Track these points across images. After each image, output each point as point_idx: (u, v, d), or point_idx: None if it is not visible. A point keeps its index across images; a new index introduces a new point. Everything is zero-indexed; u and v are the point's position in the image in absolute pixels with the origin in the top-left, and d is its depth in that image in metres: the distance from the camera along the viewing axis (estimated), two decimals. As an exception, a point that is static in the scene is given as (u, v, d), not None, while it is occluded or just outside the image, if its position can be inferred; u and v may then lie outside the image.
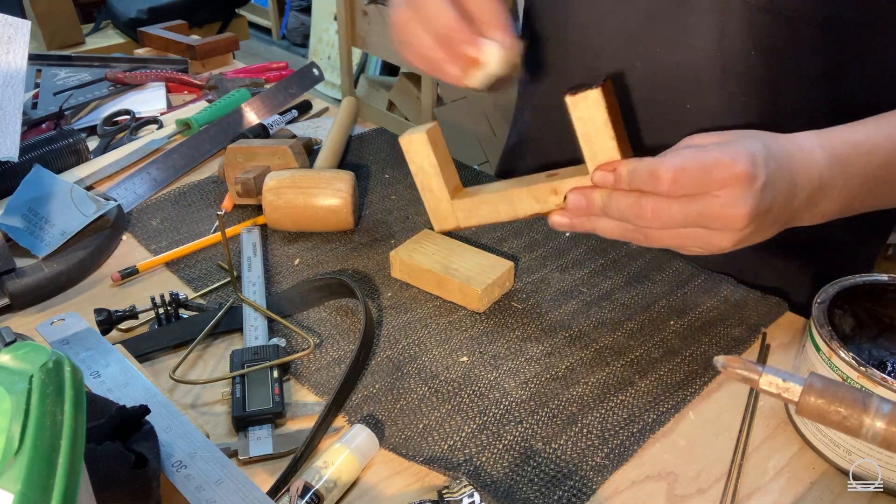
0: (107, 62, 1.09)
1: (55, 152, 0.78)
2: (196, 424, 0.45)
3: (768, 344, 0.57)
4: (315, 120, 0.96)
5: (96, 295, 0.63)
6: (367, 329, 0.55)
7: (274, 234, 0.71)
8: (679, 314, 0.60)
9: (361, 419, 0.50)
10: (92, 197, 0.68)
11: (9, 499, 0.25)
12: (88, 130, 0.90)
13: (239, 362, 0.52)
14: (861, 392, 0.33)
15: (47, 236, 0.65)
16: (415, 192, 0.78)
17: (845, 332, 0.52)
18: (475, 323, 0.59)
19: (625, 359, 0.55)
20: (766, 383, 0.34)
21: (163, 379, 0.53)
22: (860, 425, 0.33)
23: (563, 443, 0.48)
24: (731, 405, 0.52)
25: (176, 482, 0.41)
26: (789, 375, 0.34)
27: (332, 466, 0.44)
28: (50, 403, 0.29)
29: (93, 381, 0.48)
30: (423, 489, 0.45)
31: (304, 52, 3.84)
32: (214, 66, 1.11)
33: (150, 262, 0.65)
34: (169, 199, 0.76)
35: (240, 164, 0.72)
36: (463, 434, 0.49)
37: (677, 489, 0.45)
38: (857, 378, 0.43)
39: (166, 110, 0.96)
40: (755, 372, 0.34)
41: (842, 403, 0.33)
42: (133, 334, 0.57)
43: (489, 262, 0.62)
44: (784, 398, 0.34)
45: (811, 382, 0.34)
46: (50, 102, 0.94)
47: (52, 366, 0.30)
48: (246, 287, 0.61)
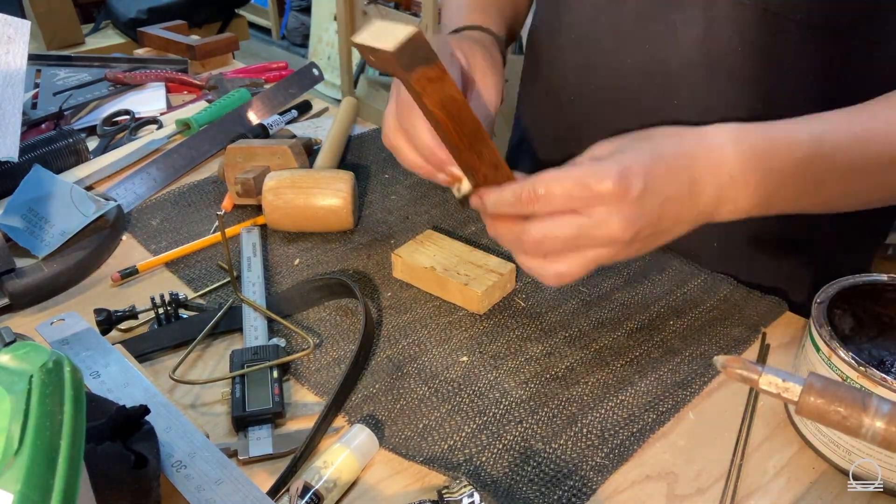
0: (107, 62, 1.09)
1: (55, 152, 0.78)
2: (196, 424, 0.45)
3: (768, 344, 0.57)
4: (315, 120, 0.96)
5: (96, 295, 0.63)
6: (366, 329, 0.55)
7: (274, 234, 0.71)
8: (679, 314, 0.60)
9: (361, 419, 0.50)
10: (92, 197, 0.68)
11: (9, 499, 0.25)
12: (88, 130, 0.90)
13: (239, 362, 0.52)
14: (861, 392, 0.33)
15: (47, 236, 0.65)
16: (415, 191, 0.78)
17: (845, 331, 0.52)
18: (475, 323, 0.59)
19: (624, 359, 0.55)
20: (765, 383, 0.34)
21: (163, 379, 0.53)
22: (860, 425, 0.33)
23: (563, 443, 0.48)
24: (731, 405, 0.52)
25: (176, 482, 0.41)
26: (789, 375, 0.34)
27: (331, 466, 0.44)
28: (50, 403, 0.29)
29: (93, 381, 0.48)
30: (423, 489, 0.46)
31: (304, 52, 3.84)
32: (214, 66, 1.11)
33: (150, 262, 0.65)
34: (169, 199, 0.76)
35: (239, 164, 0.72)
36: (463, 434, 0.49)
37: (677, 489, 0.45)
38: (857, 378, 0.44)
39: (166, 110, 0.96)
40: (755, 372, 0.34)
41: (841, 403, 0.33)
42: (133, 334, 0.57)
43: (491, 264, 0.62)
44: (784, 398, 0.34)
45: (811, 382, 0.34)
46: (50, 102, 0.94)
47: (52, 366, 0.30)
48: (246, 287, 0.61)
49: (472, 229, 0.71)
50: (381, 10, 2.45)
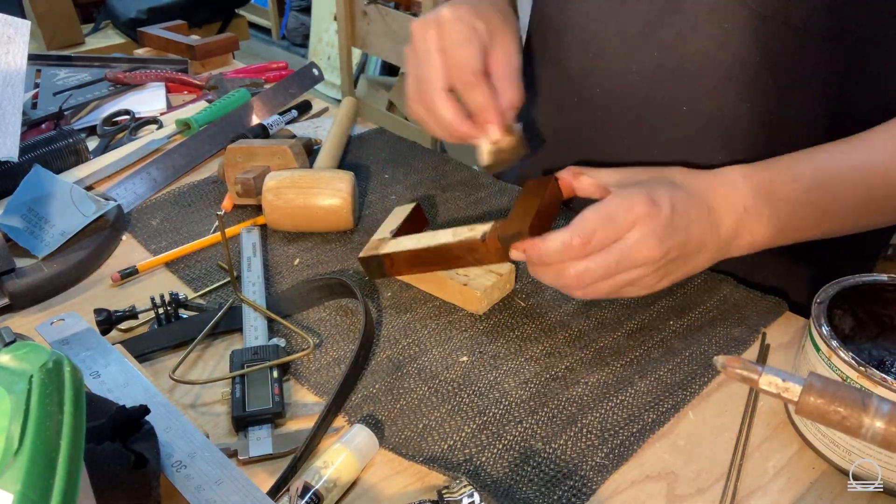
0: (107, 62, 1.09)
1: (55, 152, 0.78)
2: (196, 424, 0.45)
3: (768, 344, 0.57)
4: (315, 120, 0.96)
5: (96, 295, 0.63)
6: (366, 329, 0.55)
7: (273, 234, 0.71)
8: (679, 314, 0.60)
9: (361, 419, 0.50)
10: (92, 197, 0.68)
11: (8, 499, 0.25)
12: (88, 130, 0.90)
13: (239, 362, 0.52)
14: (860, 392, 0.33)
15: (47, 236, 0.65)
16: (415, 192, 0.78)
17: (845, 331, 0.52)
18: (475, 323, 0.59)
19: (624, 359, 0.55)
20: (765, 383, 0.34)
21: (163, 379, 0.53)
22: (860, 425, 0.33)
23: (563, 443, 0.48)
24: (731, 405, 0.52)
25: (176, 482, 0.41)
26: (789, 375, 0.34)
27: (331, 466, 0.44)
28: (49, 404, 0.29)
29: (93, 381, 0.48)
30: (423, 489, 0.46)
31: (304, 52, 3.84)
32: (214, 66, 1.11)
33: (150, 262, 0.65)
34: (169, 199, 0.76)
35: (239, 164, 0.72)
36: (463, 434, 0.49)
37: (677, 489, 0.45)
38: (857, 378, 0.44)
39: (166, 110, 0.96)
40: (755, 372, 0.34)
41: (841, 403, 0.33)
42: (133, 334, 0.57)
43: (491, 265, 0.62)
44: (784, 398, 0.34)
45: (811, 382, 0.34)
46: (50, 102, 0.94)
47: (52, 366, 0.30)
48: (246, 287, 0.61)
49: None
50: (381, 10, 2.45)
